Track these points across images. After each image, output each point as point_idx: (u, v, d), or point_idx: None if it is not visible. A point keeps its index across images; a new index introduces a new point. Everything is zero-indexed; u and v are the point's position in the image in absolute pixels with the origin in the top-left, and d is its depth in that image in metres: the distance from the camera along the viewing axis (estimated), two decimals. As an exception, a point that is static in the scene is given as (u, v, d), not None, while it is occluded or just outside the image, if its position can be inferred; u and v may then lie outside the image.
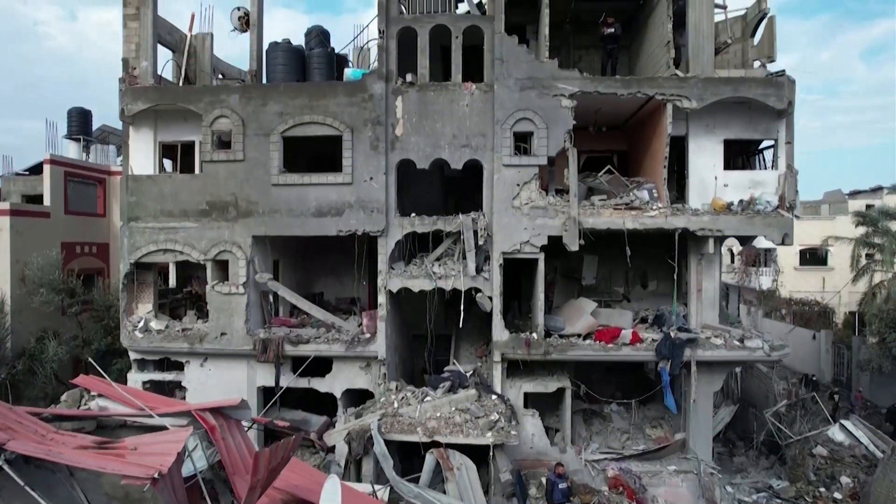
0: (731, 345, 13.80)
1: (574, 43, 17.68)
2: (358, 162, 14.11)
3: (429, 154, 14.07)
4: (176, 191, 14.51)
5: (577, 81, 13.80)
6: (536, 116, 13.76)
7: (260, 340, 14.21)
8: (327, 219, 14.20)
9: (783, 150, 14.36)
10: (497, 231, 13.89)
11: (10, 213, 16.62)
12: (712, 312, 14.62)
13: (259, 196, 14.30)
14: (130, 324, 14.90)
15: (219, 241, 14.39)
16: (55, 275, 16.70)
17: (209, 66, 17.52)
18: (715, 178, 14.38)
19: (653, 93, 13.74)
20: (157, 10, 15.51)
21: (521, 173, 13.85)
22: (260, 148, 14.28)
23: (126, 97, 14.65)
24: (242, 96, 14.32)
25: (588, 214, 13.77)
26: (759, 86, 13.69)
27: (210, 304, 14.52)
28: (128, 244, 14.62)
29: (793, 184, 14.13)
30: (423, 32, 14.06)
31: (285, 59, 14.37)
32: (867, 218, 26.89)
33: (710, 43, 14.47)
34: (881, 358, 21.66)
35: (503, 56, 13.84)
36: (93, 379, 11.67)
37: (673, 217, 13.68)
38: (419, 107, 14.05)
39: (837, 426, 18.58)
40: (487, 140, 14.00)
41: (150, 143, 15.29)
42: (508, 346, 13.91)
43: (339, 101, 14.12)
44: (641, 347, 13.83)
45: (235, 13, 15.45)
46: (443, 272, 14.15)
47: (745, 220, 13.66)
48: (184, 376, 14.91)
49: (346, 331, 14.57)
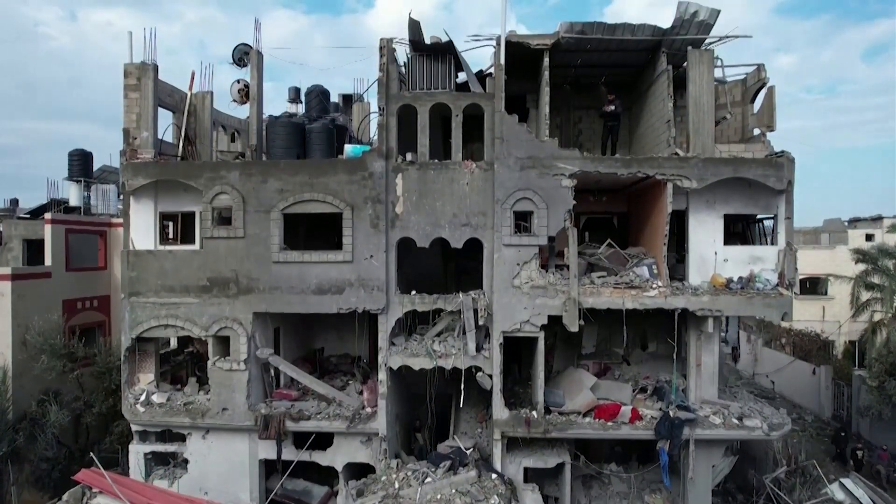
0: (730, 423, 13.87)
1: (574, 104, 17.68)
2: (358, 240, 14.13)
3: (429, 233, 14.09)
4: (177, 266, 14.54)
5: (578, 161, 13.80)
6: (536, 196, 13.77)
7: (262, 417, 14.27)
8: (328, 296, 14.23)
9: (783, 226, 14.38)
10: (497, 310, 13.93)
11: (11, 278, 16.66)
12: (712, 387, 14.68)
13: (260, 273, 14.33)
14: (132, 396, 14.96)
15: (220, 317, 14.43)
16: (56, 339, 16.75)
17: (209, 123, 17.58)
18: (715, 254, 14.41)
19: (653, 173, 13.75)
20: (157, 80, 15.53)
21: (521, 253, 13.88)
22: (260, 224, 14.31)
23: (127, 172, 14.67)
24: (242, 173, 14.33)
25: (588, 294, 13.80)
26: (760, 166, 13.70)
27: (211, 379, 14.58)
28: (129, 319, 14.66)
29: (792, 261, 14.15)
30: (423, 111, 14.07)
31: (285, 134, 14.37)
32: (867, 256, 26.95)
33: (710, 118, 14.47)
34: (881, 404, 21.72)
35: (503, 135, 13.84)
36: (94, 474, 11.76)
37: (673, 297, 13.72)
38: (419, 185, 14.06)
39: (837, 484, 18.68)
40: (488, 219, 14.02)
41: (150, 214, 15.31)
42: (508, 424, 13.98)
43: (339, 178, 14.14)
44: (640, 426, 13.91)
45: (235, 86, 15.46)
46: (443, 350, 14.20)
47: (745, 300, 13.69)
48: (186, 448, 14.98)
49: (347, 405, 14.63)
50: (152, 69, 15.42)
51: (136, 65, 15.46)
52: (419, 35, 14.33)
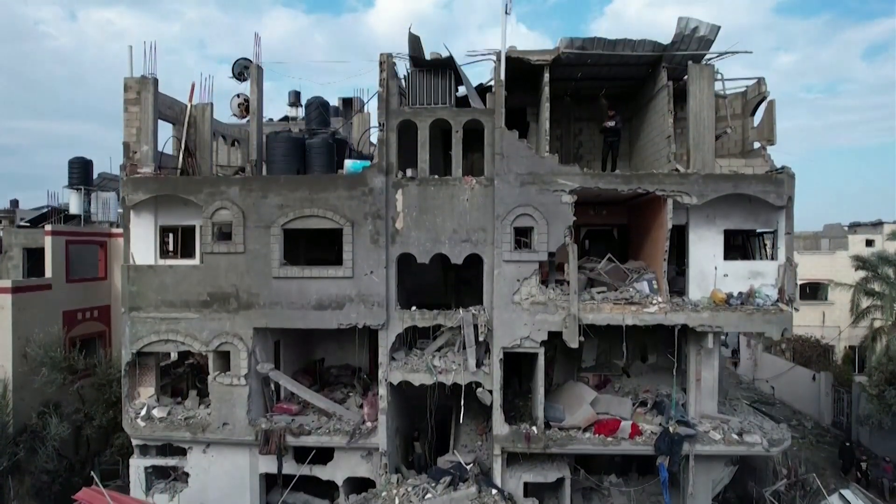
0: (730, 439, 13.90)
1: (574, 115, 17.67)
2: (358, 256, 14.14)
3: (429, 249, 14.10)
4: (177, 281, 14.54)
5: (578, 178, 13.80)
6: (537, 212, 13.77)
7: (262, 432, 14.28)
8: (328, 312, 14.24)
9: (783, 241, 14.38)
10: (497, 326, 13.94)
11: (11, 291, 16.66)
12: (711, 402, 14.70)
13: (260, 288, 14.34)
14: (133, 410, 14.99)
15: (220, 332, 14.44)
16: (57, 352, 16.77)
17: (209, 135, 17.57)
18: (715, 269, 14.41)
19: (653, 189, 13.75)
20: (157, 94, 15.52)
21: (521, 269, 13.89)
22: (260, 240, 14.31)
23: (127, 187, 14.67)
24: (242, 188, 14.33)
25: (588, 310, 13.81)
26: (760, 183, 13.69)
27: (212, 394, 14.60)
28: (129, 334, 14.68)
29: (792, 277, 14.16)
30: (423, 126, 14.05)
31: (285, 149, 14.35)
32: (867, 263, 26.99)
33: (710, 132, 14.47)
34: (881, 413, 21.73)
35: (504, 151, 13.83)
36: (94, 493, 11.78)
37: (673, 313, 13.74)
38: (419, 201, 14.06)
39: (837, 496, 18.70)
40: (488, 234, 14.02)
41: (150, 228, 15.30)
42: (509, 439, 14.00)
43: (339, 194, 14.14)
44: (640, 441, 13.94)
45: (235, 100, 15.46)
46: (443, 366, 14.23)
47: (745, 316, 13.71)
48: (186, 462, 15.01)
49: (347, 420, 14.65)
50: (152, 83, 15.42)
51: (136, 79, 15.46)
52: (419, 50, 14.32)
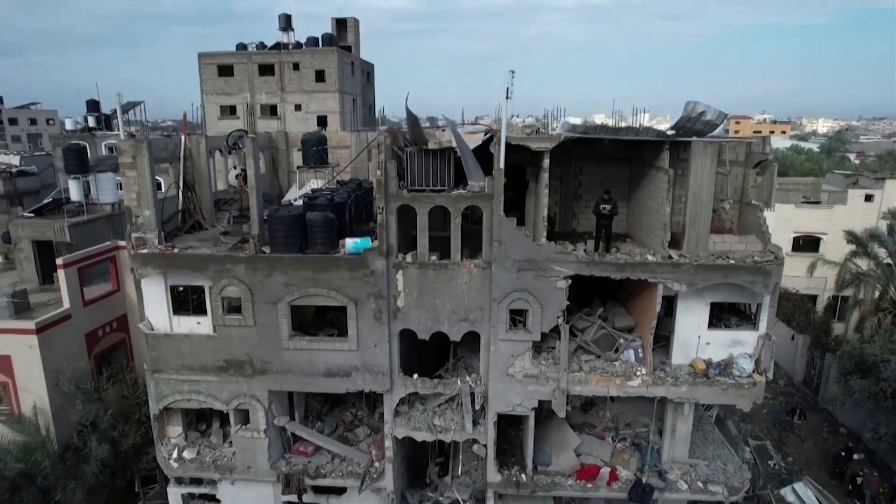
0: (695, 488, 15.75)
1: (575, 154, 17.40)
2: (363, 331, 14.97)
3: (429, 327, 14.90)
4: (193, 349, 15.53)
5: (573, 265, 14.20)
6: (531, 297, 14.38)
7: (283, 475, 16.16)
8: (336, 379, 15.41)
9: (766, 313, 15.10)
10: (493, 395, 15.18)
11: (37, 332, 17.62)
12: (683, 448, 16.37)
13: (272, 357, 15.37)
14: (165, 451, 16.76)
15: (238, 393, 15.74)
16: (87, 384, 18.17)
17: (206, 167, 17.55)
18: (698, 338, 15.30)
19: (646, 277, 14.22)
20: (152, 156, 15.35)
21: (515, 346, 14.81)
22: (269, 314, 15.05)
23: (136, 262, 15.10)
24: (248, 266, 14.77)
25: (576, 382, 14.96)
26: (748, 273, 14.10)
27: (235, 444, 16.28)
28: (154, 392, 15.99)
29: (769, 350, 15.09)
30: (422, 212, 14.16)
31: (285, 227, 14.53)
32: (857, 240, 27.55)
33: (707, 211, 14.60)
34: (845, 395, 23.65)
35: (501, 238, 14.09)
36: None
37: (654, 387, 14.90)
38: (419, 283, 14.59)
39: (790, 489, 21.24)
40: (485, 313, 14.74)
41: (161, 289, 15.92)
42: (501, 485, 15.88)
43: (341, 275, 14.62)
44: (616, 488, 15.80)
45: (233, 171, 15.24)
46: (443, 424, 15.70)
47: (720, 391, 14.88)
48: (217, 490, 17.09)
49: (357, 462, 16.46)
50: (146, 146, 15.20)
51: (130, 143, 15.23)
52: (419, 132, 14.00)
